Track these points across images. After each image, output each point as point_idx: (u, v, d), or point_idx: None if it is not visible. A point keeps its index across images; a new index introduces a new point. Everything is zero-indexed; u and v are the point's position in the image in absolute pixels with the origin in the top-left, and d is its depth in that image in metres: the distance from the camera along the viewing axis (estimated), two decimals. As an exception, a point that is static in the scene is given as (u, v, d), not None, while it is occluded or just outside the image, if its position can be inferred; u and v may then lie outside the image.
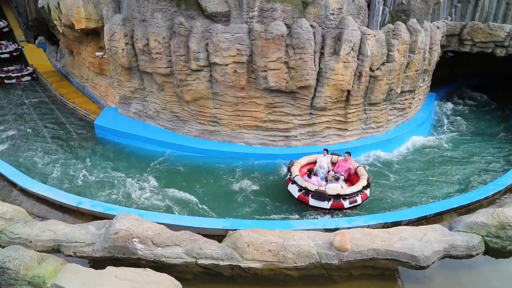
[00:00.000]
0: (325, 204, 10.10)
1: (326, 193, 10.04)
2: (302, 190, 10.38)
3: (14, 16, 33.58)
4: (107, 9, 14.51)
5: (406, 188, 11.67)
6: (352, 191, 10.24)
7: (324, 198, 10.05)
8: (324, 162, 11.74)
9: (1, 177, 11.70)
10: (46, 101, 19.55)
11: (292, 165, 11.25)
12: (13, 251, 6.06)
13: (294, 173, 10.81)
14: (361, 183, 10.51)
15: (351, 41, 11.98)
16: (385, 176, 12.39)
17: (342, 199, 10.12)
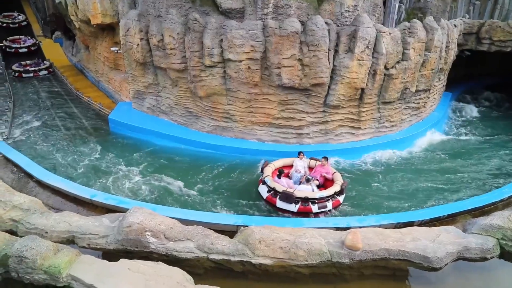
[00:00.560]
0: (292, 207, 9.66)
1: (294, 195, 9.59)
2: (270, 191, 10.05)
3: (33, 11, 34.13)
4: (123, 4, 14.63)
5: (417, 188, 11.53)
6: (321, 195, 9.78)
7: (291, 200, 9.60)
8: (300, 166, 11.28)
9: (18, 169, 11.96)
10: (62, 94, 19.85)
11: (266, 165, 10.95)
12: (31, 241, 6.18)
13: (266, 174, 10.50)
14: (333, 189, 10.04)
15: (366, 39, 11.87)
16: (396, 175, 12.27)
17: (311, 203, 9.65)
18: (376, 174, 12.34)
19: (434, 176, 12.30)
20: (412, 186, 11.67)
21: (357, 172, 12.47)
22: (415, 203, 10.72)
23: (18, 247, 6.08)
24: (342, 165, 12.71)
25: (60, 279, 5.95)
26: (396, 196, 11.12)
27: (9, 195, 8.46)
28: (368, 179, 12.01)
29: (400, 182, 11.89)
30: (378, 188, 11.51)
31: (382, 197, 11.03)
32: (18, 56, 25.78)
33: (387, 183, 11.79)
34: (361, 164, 12.89)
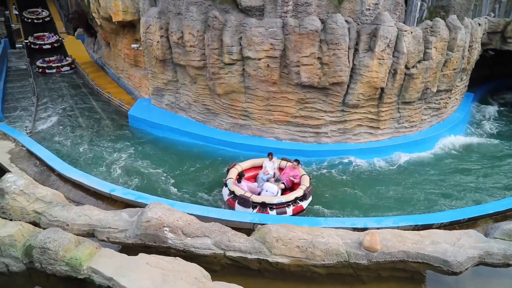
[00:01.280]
0: (249, 211, 9.51)
1: (251, 200, 9.40)
2: (231, 194, 9.91)
3: (56, 9, 34.96)
4: (144, 2, 14.80)
5: (435, 190, 11.34)
6: (280, 201, 9.53)
7: (248, 204, 9.41)
8: (270, 167, 11.07)
9: (41, 162, 12.26)
10: (83, 90, 20.24)
11: (233, 167, 10.68)
12: (53, 233, 6.33)
13: (230, 176, 10.32)
14: (294, 194, 9.74)
15: (386, 38, 11.71)
16: (414, 177, 12.08)
17: (269, 208, 9.46)
18: (393, 175, 12.19)
19: (453, 178, 12.07)
20: (430, 188, 11.48)
21: (374, 172, 12.34)
22: (432, 206, 10.55)
23: (42, 238, 6.24)
24: (359, 165, 12.59)
25: (81, 271, 6.08)
26: (413, 198, 10.97)
27: (33, 188, 8.67)
28: (386, 180, 11.87)
29: (418, 183, 11.71)
30: (396, 190, 11.36)
31: (399, 198, 10.90)
32: (42, 52, 26.43)
33: (404, 184, 11.63)
34: (378, 165, 12.74)
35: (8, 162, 12.32)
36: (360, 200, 10.82)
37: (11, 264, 6.39)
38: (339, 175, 12.05)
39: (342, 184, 11.59)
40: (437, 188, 11.51)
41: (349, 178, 11.88)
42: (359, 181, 11.76)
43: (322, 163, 12.53)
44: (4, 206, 8.42)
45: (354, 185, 11.52)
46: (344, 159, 12.72)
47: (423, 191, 11.29)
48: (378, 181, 11.77)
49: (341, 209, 10.36)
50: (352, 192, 11.20)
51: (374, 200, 10.83)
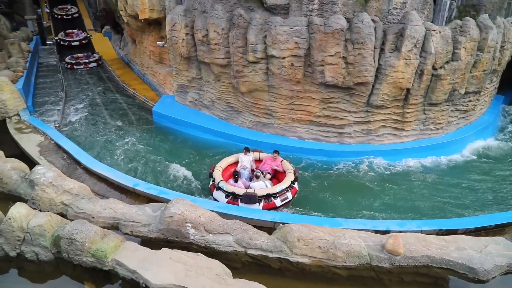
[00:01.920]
0: (256, 207, 9.58)
1: (256, 195, 9.49)
2: (229, 195, 9.79)
3: (85, 7, 35.91)
4: (170, 0, 14.98)
5: (460, 195, 11.05)
6: (282, 188, 9.85)
7: (254, 200, 9.49)
8: (247, 162, 11.15)
9: (68, 155, 12.61)
10: (109, 86, 20.68)
11: (214, 169, 10.51)
12: (80, 225, 6.51)
13: (218, 178, 10.14)
14: (289, 178, 10.09)
15: (414, 37, 11.48)
16: (439, 180, 11.81)
17: (273, 198, 9.69)
18: (417, 178, 11.94)
19: (479, 183, 11.74)
20: (455, 192, 11.20)
21: (396, 174, 12.12)
22: (457, 211, 10.29)
23: (69, 229, 6.43)
24: (382, 166, 12.39)
25: (106, 263, 6.23)
26: (437, 201, 10.72)
27: (61, 180, 8.93)
28: (408, 182, 11.65)
29: (443, 187, 11.44)
30: (419, 193, 11.15)
31: (422, 202, 10.67)
32: (71, 49, 27.18)
33: (428, 187, 11.38)
34: (402, 167, 12.51)
35: (37, 154, 12.75)
36: (382, 202, 10.65)
37: (40, 253, 6.61)
38: (361, 176, 11.90)
39: (363, 185, 11.45)
40: (463, 192, 11.23)
41: (371, 180, 11.72)
42: (381, 183, 11.58)
43: (344, 164, 12.39)
44: (34, 197, 8.72)
45: (376, 187, 11.36)
46: (367, 160, 12.55)
47: (447, 195, 11.03)
48: (400, 184, 11.56)
49: (361, 210, 10.25)
50: (373, 194, 11.05)
51: (396, 203, 10.65)
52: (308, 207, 10.27)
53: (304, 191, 11.01)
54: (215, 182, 10.13)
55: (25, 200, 8.86)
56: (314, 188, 11.24)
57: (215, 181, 10.14)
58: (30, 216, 6.77)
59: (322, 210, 10.12)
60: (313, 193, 10.98)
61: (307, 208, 10.19)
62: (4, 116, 15.47)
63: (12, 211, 6.68)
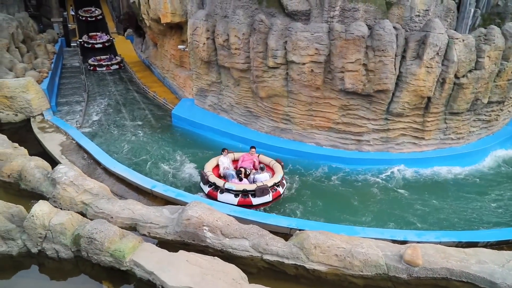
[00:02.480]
0: (268, 198, 10.09)
1: (267, 186, 10.07)
2: (239, 194, 10.00)
3: (109, 10, 36.78)
4: (192, 4, 15.18)
5: (479, 207, 10.76)
6: (281, 176, 10.59)
7: (267, 192, 10.05)
8: (227, 163, 11.43)
9: (88, 155, 12.87)
10: (129, 88, 21.03)
11: (207, 176, 10.47)
12: (100, 225, 6.63)
13: (220, 182, 10.23)
14: (279, 167, 10.92)
15: (436, 45, 11.33)
16: (459, 191, 11.56)
17: (277, 187, 10.36)
18: (437, 188, 11.73)
19: (500, 194, 11.44)
20: (474, 203, 10.93)
21: (416, 184, 11.91)
22: (476, 223, 10.04)
23: (89, 229, 6.55)
24: (400, 175, 12.21)
25: (124, 263, 6.32)
26: (456, 213, 10.49)
27: (81, 180, 9.11)
28: (428, 192, 11.43)
29: (462, 198, 11.19)
30: (438, 203, 10.92)
31: (441, 212, 10.46)
32: (94, 51, 27.80)
33: (448, 198, 11.15)
34: (421, 176, 12.30)
35: (59, 153, 13.05)
36: (400, 211, 10.50)
37: (60, 250, 6.75)
38: (380, 184, 11.76)
39: (382, 194, 11.31)
40: (483, 203, 10.96)
41: (388, 188, 11.56)
42: (399, 192, 11.42)
43: (362, 172, 12.27)
44: (55, 195, 8.92)
45: (393, 196, 11.21)
46: (385, 168, 12.39)
47: (467, 206, 10.79)
48: (419, 193, 11.36)
49: (378, 219, 10.12)
50: (391, 202, 10.90)
51: (414, 212, 10.48)
52: (323, 214, 10.20)
53: (320, 197, 10.94)
54: (220, 186, 10.19)
55: (47, 198, 9.07)
56: (330, 194, 11.16)
57: (219, 185, 10.21)
58: (52, 214, 6.93)
59: (336, 217, 10.07)
60: (329, 200, 10.90)
61: (322, 215, 10.12)
62: (29, 115, 15.91)
63: (35, 208, 6.84)
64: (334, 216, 10.12)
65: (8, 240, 6.79)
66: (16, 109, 15.70)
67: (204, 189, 10.57)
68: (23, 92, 15.62)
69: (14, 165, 9.98)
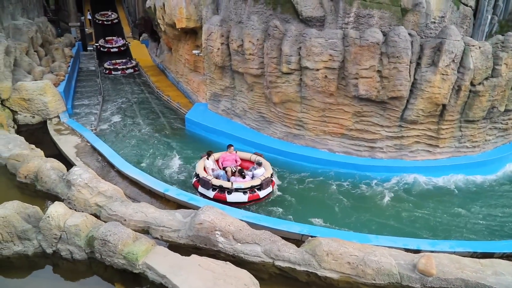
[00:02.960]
0: (270, 188, 10.96)
1: (270, 178, 11.00)
2: (247, 191, 10.55)
3: (125, 14, 37.41)
4: (207, 10, 15.33)
5: (495, 217, 10.55)
6: (271, 169, 11.47)
7: (270, 183, 10.93)
8: (213, 164, 11.79)
9: (102, 158, 13.03)
10: (144, 92, 21.28)
11: (209, 180, 10.64)
12: (114, 227, 6.70)
13: (226, 184, 10.62)
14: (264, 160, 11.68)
15: (452, 52, 11.22)
16: (473, 201, 11.36)
17: (271, 177, 11.23)
18: (450, 197, 11.57)
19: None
20: (489, 214, 10.73)
21: (429, 192, 11.77)
22: (491, 234, 9.84)
23: (103, 231, 6.62)
24: (414, 183, 12.07)
25: (136, 266, 6.36)
26: (470, 222, 10.31)
27: (96, 182, 9.23)
28: (441, 201, 11.30)
29: (476, 208, 10.98)
30: (450, 212, 10.77)
31: (453, 221, 10.30)
32: (110, 55, 28.24)
33: (461, 207, 10.96)
34: (435, 184, 12.14)
35: (74, 156, 13.24)
36: (412, 220, 10.39)
37: (74, 251, 6.84)
38: (393, 192, 11.64)
39: (394, 201, 11.20)
40: (498, 214, 10.75)
41: (401, 196, 11.45)
42: (412, 200, 11.29)
43: (375, 179, 12.17)
44: (70, 197, 9.04)
45: (407, 204, 11.08)
46: (399, 176, 12.26)
47: (482, 216, 10.60)
48: (432, 202, 11.22)
49: (390, 227, 10.04)
50: (404, 211, 10.78)
51: (427, 221, 10.35)
52: (336, 221, 10.14)
53: (333, 204, 10.89)
54: (228, 187, 10.50)
55: (62, 199, 9.21)
56: (343, 202, 11.09)
57: (227, 187, 10.51)
58: (67, 215, 7.03)
59: (349, 224, 10.01)
60: (341, 207, 10.84)
61: (335, 222, 10.07)
62: (45, 118, 16.19)
63: (51, 209, 6.95)
64: (344, 222, 10.07)
65: (24, 240, 6.90)
66: (34, 111, 16.00)
67: (208, 194, 10.69)
68: (40, 95, 15.90)
69: (31, 166, 10.15)
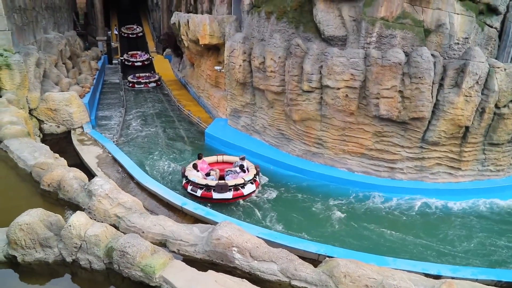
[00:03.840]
0: (253, 188, 11.94)
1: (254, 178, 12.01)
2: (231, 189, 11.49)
3: (149, 30, 38.54)
4: (230, 27, 15.64)
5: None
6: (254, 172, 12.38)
7: (253, 183, 11.91)
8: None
9: (122, 169, 13.23)
10: (165, 106, 21.68)
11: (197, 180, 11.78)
12: (133, 239, 6.73)
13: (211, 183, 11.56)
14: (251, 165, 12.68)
15: (476, 74, 11.10)
16: (497, 227, 11.02)
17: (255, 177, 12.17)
18: (472, 222, 11.26)
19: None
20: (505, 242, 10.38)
21: (450, 216, 11.50)
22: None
23: (122, 242, 6.66)
24: (435, 206, 11.81)
25: (153, 279, 6.36)
26: (494, 250, 9.99)
27: (116, 193, 9.33)
28: (463, 226, 11.01)
29: (501, 235, 10.63)
30: (472, 238, 10.46)
31: (477, 248, 10.01)
32: (134, 68, 28.99)
33: (484, 233, 10.66)
34: (456, 208, 11.85)
35: (95, 166, 13.50)
36: (432, 244, 10.12)
37: (93, 261, 6.89)
38: (412, 214, 11.42)
39: (413, 224, 10.98)
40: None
41: (421, 219, 11.22)
42: (432, 223, 11.05)
43: (395, 200, 11.98)
44: (91, 207, 9.18)
45: (426, 227, 10.85)
46: (418, 198, 12.05)
47: (505, 244, 10.26)
48: (453, 226, 10.95)
49: (409, 249, 9.83)
50: (423, 234, 10.53)
51: (447, 246, 10.07)
52: (352, 241, 10.02)
53: (351, 225, 10.74)
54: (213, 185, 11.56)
55: (82, 208, 9.35)
56: (361, 223, 10.93)
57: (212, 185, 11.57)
58: (88, 225, 7.12)
59: (365, 246, 9.84)
60: (359, 228, 10.68)
61: (350, 242, 9.93)
62: (70, 128, 16.63)
63: (72, 219, 7.06)
64: (363, 244, 9.90)
65: (45, 247, 7.01)
66: (59, 121, 16.45)
67: (196, 193, 11.71)
68: (66, 106, 16.38)
69: (54, 175, 10.37)
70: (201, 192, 11.61)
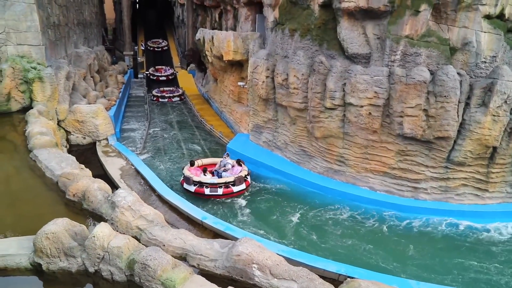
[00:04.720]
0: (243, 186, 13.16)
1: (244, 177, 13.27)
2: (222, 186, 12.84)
3: (174, 45, 39.56)
4: (254, 44, 15.86)
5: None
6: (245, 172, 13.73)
7: (242, 181, 13.13)
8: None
9: (145, 181, 13.42)
10: (188, 120, 22.02)
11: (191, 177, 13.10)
12: (155, 252, 6.79)
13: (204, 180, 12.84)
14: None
15: (504, 93, 10.85)
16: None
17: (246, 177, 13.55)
18: (500, 247, 10.80)
19: None
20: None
21: (476, 241, 11.08)
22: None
23: (144, 255, 6.73)
24: (460, 229, 11.44)
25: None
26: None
27: (138, 205, 9.47)
28: (489, 251, 10.60)
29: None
30: (500, 264, 10.03)
31: (503, 275, 9.57)
32: (159, 83, 29.68)
33: (508, 259, 10.22)
34: (483, 232, 11.43)
35: (118, 177, 13.75)
36: (458, 269, 9.78)
37: (115, 273, 6.98)
38: (436, 237, 11.10)
39: (436, 248, 10.64)
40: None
41: (445, 243, 10.87)
42: (457, 247, 10.68)
43: (417, 221, 11.68)
44: (114, 218, 9.32)
45: (450, 251, 10.50)
46: (442, 220, 11.71)
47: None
48: (480, 251, 10.55)
49: (433, 274, 9.50)
50: (447, 258, 10.20)
51: (474, 272, 9.71)
52: (374, 261, 9.79)
53: (372, 244, 10.53)
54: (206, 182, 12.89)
55: (105, 219, 9.51)
56: (382, 241, 10.71)
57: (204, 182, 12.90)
58: (111, 236, 7.23)
59: (387, 267, 9.63)
60: (381, 247, 10.46)
61: (372, 264, 9.72)
62: (95, 139, 17.06)
63: (96, 229, 7.19)
64: (380, 266, 9.68)
65: (69, 256, 7.15)
66: (85, 133, 16.92)
67: (190, 189, 13.05)
68: (92, 118, 16.84)
69: (80, 186, 10.61)
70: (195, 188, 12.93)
